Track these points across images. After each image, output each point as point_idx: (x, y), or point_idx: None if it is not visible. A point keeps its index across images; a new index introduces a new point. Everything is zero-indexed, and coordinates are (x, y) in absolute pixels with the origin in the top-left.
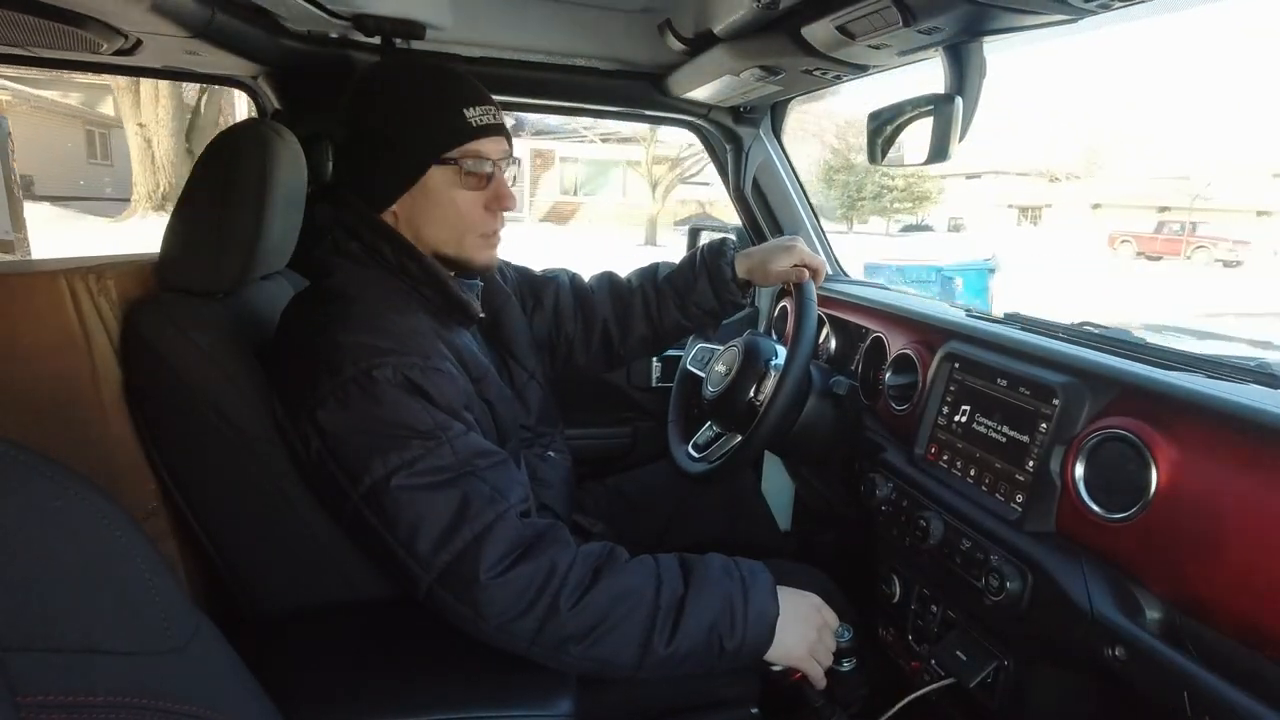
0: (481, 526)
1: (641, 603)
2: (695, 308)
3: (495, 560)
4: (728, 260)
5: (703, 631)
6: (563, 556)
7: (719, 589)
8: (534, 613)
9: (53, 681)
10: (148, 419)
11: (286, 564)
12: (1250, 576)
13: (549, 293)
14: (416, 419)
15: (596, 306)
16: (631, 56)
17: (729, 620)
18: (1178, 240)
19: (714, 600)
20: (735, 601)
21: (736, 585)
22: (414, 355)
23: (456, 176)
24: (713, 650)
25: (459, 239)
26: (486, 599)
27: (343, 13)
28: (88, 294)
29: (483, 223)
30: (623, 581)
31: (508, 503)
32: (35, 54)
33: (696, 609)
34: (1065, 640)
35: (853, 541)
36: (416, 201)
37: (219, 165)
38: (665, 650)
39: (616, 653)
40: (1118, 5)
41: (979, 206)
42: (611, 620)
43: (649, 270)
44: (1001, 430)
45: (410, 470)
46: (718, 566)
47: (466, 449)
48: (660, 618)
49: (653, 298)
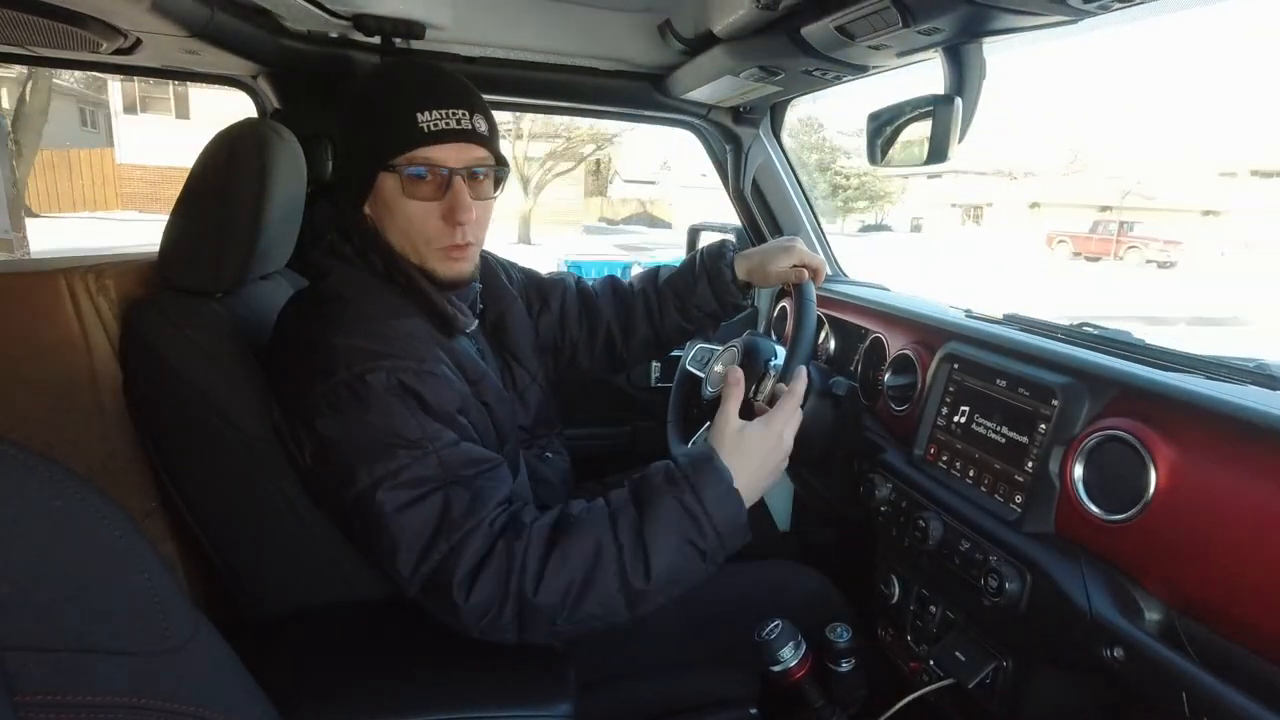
0: (458, 538)
1: (603, 550)
2: (696, 310)
3: (462, 578)
4: (727, 262)
5: (673, 549)
6: (517, 545)
7: (670, 500)
8: (507, 608)
9: (51, 681)
10: (147, 418)
11: (285, 564)
12: (1249, 577)
13: (555, 296)
14: (405, 426)
15: (600, 310)
16: (631, 57)
17: (693, 524)
18: (1109, 240)
19: (669, 513)
20: (689, 503)
21: (685, 486)
22: (408, 359)
23: (407, 184)
24: (694, 559)
25: (417, 250)
26: (462, 614)
27: (342, 12)
28: (86, 293)
29: (440, 235)
30: (578, 540)
31: (485, 510)
32: (35, 53)
33: (657, 530)
34: (1064, 641)
35: (852, 542)
36: (376, 208)
37: (218, 165)
38: (646, 583)
39: (602, 605)
40: (1118, 6)
41: (926, 205)
42: (581, 581)
43: (650, 273)
44: (1001, 431)
45: (394, 481)
46: (660, 476)
47: (454, 459)
48: (626, 555)
49: (654, 301)
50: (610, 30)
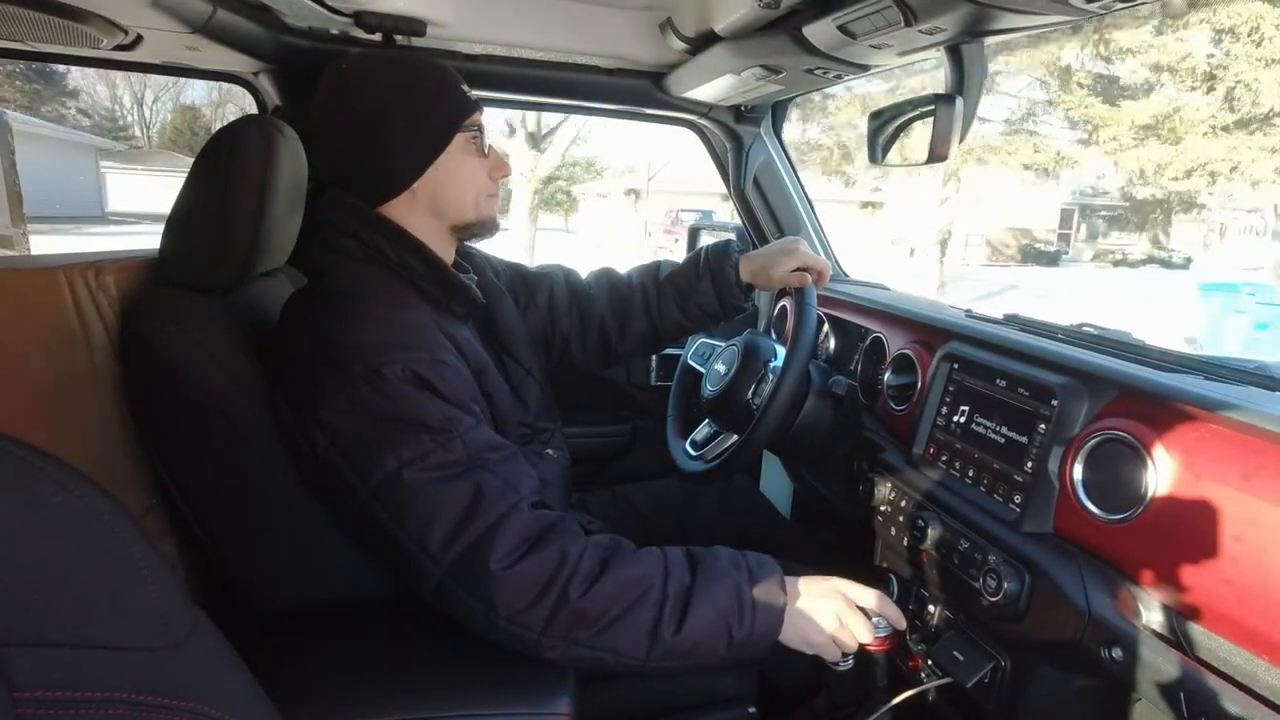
0: (494, 518)
1: (650, 591)
2: (697, 308)
3: (507, 552)
4: (732, 263)
5: (711, 620)
6: (573, 546)
7: (726, 579)
8: (545, 602)
9: (49, 676)
10: (146, 415)
11: (285, 561)
12: (1247, 578)
13: (543, 289)
14: (427, 414)
15: (594, 303)
16: (632, 55)
17: (737, 608)
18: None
19: (721, 589)
20: (743, 590)
21: (744, 575)
22: (420, 350)
23: (472, 144)
24: (722, 639)
25: (477, 203)
26: (498, 589)
27: (344, 9)
28: (86, 290)
29: (490, 185)
30: (631, 570)
31: (519, 494)
32: (35, 49)
33: (704, 597)
34: (1062, 641)
35: (851, 542)
36: (440, 173)
37: (220, 161)
38: (674, 638)
39: (625, 640)
40: (1119, 6)
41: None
42: (620, 607)
43: (650, 268)
44: (1000, 431)
45: (423, 464)
46: (725, 558)
47: (477, 443)
48: (669, 606)
49: (653, 296)
50: (611, 28)
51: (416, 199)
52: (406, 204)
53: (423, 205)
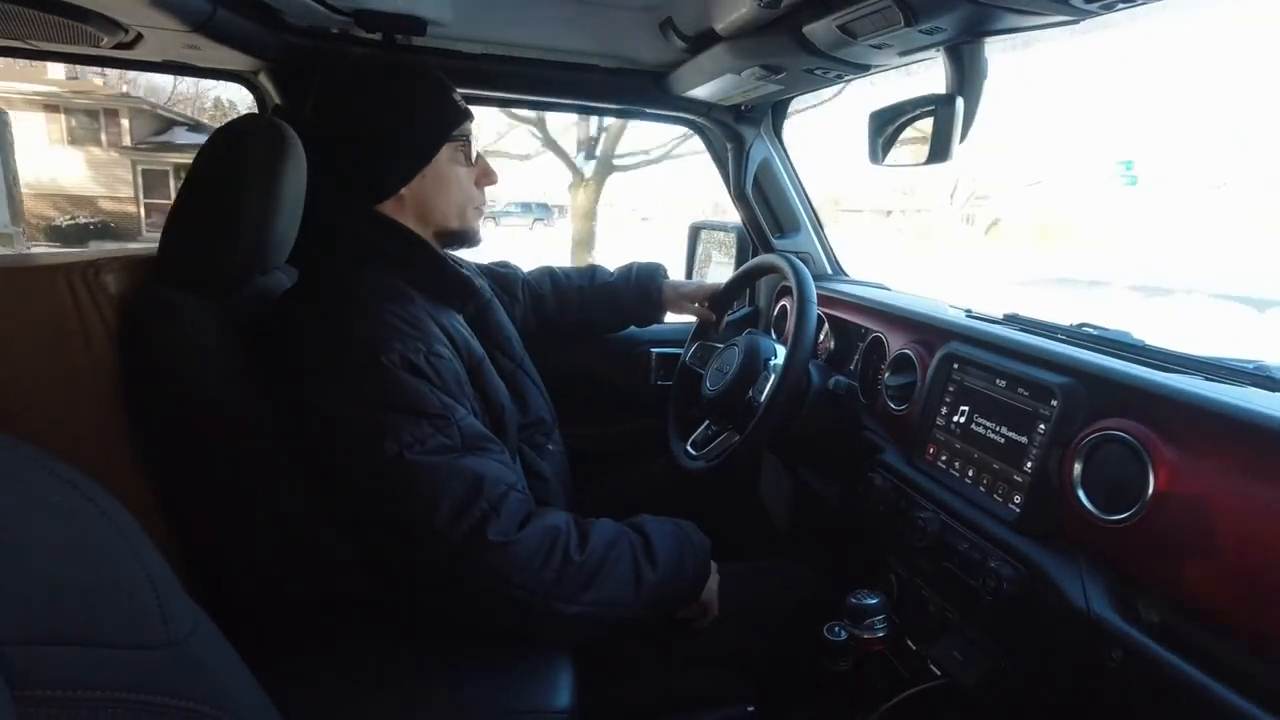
0: (496, 496)
1: (622, 544)
2: (619, 312)
3: (511, 526)
4: (656, 284)
5: (672, 554)
6: (557, 516)
7: (662, 524)
8: (551, 563)
9: (50, 675)
10: (145, 414)
11: (285, 560)
12: (1247, 579)
13: (517, 286)
14: (425, 401)
15: (545, 299)
16: (633, 54)
17: (687, 546)
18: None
19: (667, 537)
20: (678, 531)
21: (667, 523)
22: (417, 340)
23: (459, 154)
24: (684, 572)
25: (462, 212)
26: (509, 557)
27: (344, 8)
28: (85, 288)
29: (477, 196)
30: (603, 532)
31: (512, 479)
32: (35, 47)
33: (657, 539)
34: (1062, 641)
35: (850, 541)
36: (427, 181)
37: (221, 160)
38: (653, 576)
39: (618, 590)
40: (1120, 6)
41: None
42: (609, 562)
43: (588, 270)
44: (1000, 431)
45: (422, 448)
46: (649, 517)
47: (472, 431)
48: (638, 551)
49: (589, 294)
50: (612, 27)
51: (405, 204)
52: (394, 208)
53: (410, 210)
